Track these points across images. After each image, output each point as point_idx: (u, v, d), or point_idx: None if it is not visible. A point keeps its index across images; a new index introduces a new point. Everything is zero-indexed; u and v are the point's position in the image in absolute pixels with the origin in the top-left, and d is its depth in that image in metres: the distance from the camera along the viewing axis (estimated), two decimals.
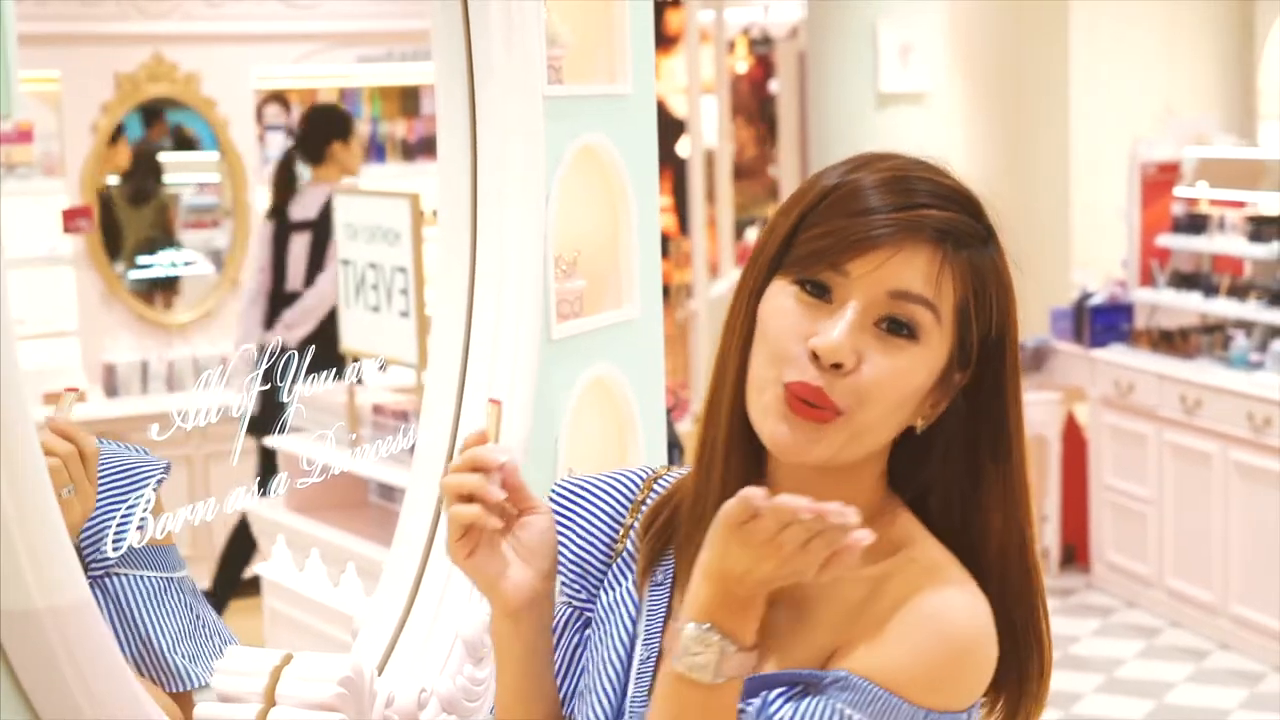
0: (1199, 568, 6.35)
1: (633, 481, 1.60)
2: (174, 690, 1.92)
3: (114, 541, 1.82)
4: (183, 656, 1.93)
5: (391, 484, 4.41)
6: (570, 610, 1.57)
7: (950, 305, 1.38)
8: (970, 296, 1.39)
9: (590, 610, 1.56)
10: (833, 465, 1.39)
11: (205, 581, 6.00)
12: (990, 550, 1.43)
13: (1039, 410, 6.88)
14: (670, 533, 1.50)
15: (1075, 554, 7.10)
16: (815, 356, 1.35)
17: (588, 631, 1.55)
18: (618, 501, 1.58)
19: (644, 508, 1.55)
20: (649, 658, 1.47)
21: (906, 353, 1.36)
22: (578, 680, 1.53)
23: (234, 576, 6.04)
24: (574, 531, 1.57)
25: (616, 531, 1.56)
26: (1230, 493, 6.15)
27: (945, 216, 1.37)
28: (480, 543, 1.43)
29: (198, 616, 1.99)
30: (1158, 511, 6.53)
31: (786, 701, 1.36)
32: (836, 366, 1.35)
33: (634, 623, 1.50)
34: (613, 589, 1.53)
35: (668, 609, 1.48)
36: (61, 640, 1.62)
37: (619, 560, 1.55)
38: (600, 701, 1.47)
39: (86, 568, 1.77)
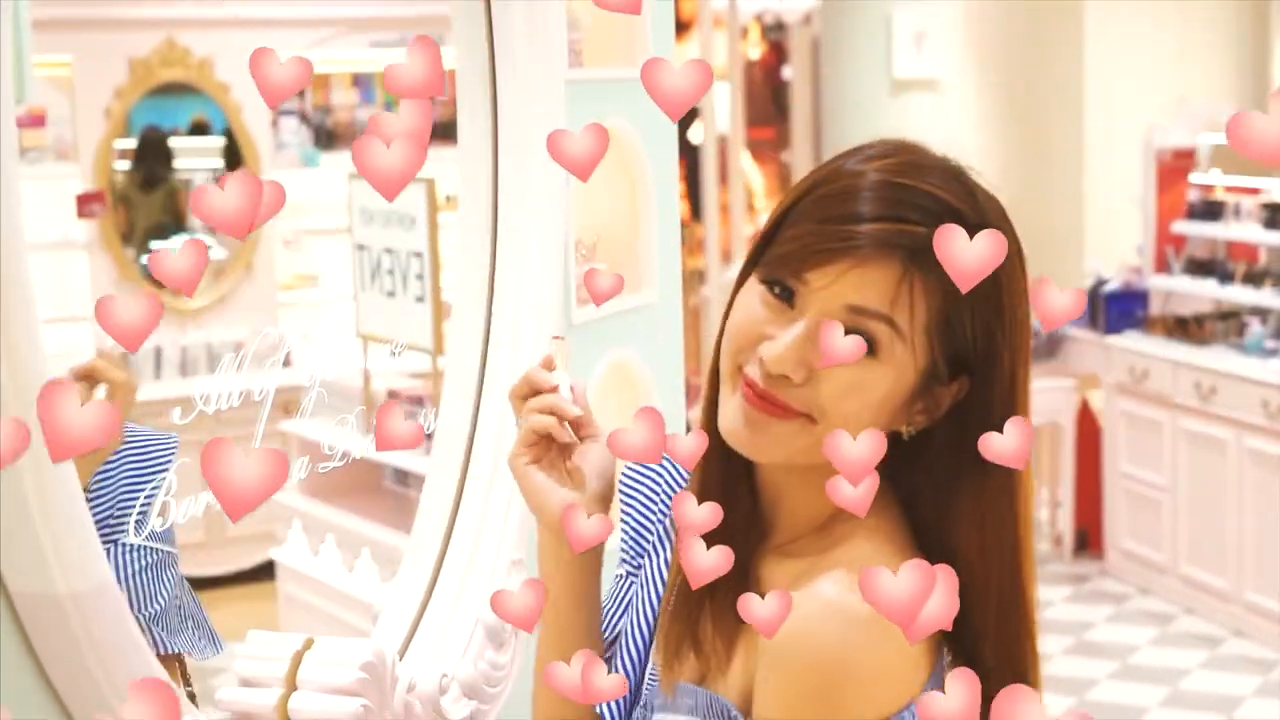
0: (1213, 555, 6.34)
1: None
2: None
3: (136, 524, 1.83)
4: (162, 628, 1.96)
5: (407, 469, 4.42)
6: (623, 581, 1.56)
7: (917, 321, 1.33)
8: (943, 314, 1.33)
9: (635, 578, 1.55)
10: (794, 464, 1.37)
11: (216, 569, 6.00)
12: (966, 555, 1.37)
13: (1053, 397, 6.88)
14: None
15: (1089, 540, 7.09)
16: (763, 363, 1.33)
17: (631, 592, 1.55)
18: (679, 472, 1.58)
19: None
20: None
21: (863, 366, 1.32)
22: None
23: None
24: (639, 499, 1.58)
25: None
26: (1245, 480, 6.14)
27: (924, 233, 1.28)
28: (541, 457, 1.47)
29: (177, 598, 2.04)
30: (1172, 498, 6.52)
31: None
32: (785, 377, 1.33)
33: (659, 599, 1.49)
34: (655, 555, 1.53)
35: None
36: (82, 624, 1.62)
37: (661, 528, 1.55)
38: (621, 673, 1.46)
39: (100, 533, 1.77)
